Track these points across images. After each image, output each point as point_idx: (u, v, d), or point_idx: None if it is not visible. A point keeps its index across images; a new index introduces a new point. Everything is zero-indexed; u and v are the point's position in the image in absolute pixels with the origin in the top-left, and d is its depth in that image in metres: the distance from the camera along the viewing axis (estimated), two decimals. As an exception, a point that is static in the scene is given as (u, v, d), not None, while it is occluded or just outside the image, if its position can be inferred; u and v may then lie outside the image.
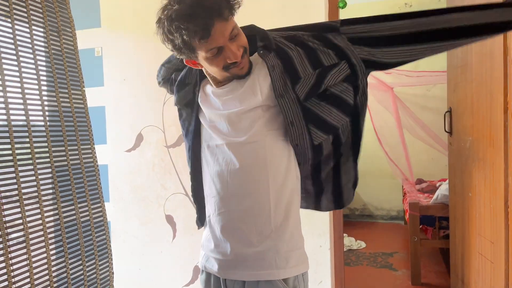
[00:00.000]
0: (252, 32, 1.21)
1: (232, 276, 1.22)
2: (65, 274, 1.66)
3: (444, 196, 3.06)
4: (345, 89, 1.19)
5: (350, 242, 4.09)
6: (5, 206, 1.43)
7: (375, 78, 3.86)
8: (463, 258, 2.38)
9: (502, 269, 1.81)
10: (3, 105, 1.48)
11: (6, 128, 1.48)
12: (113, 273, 1.91)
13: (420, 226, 3.20)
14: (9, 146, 1.48)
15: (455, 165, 2.51)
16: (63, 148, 1.74)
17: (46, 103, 1.68)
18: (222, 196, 1.22)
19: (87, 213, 1.81)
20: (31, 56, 1.64)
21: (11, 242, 1.43)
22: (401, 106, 3.96)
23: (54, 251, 1.62)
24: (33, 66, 1.64)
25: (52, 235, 1.62)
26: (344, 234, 3.09)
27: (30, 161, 1.56)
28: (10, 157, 1.48)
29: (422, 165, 4.54)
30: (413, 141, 4.02)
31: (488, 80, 1.93)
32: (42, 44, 1.71)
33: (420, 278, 3.11)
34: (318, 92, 1.17)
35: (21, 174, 1.50)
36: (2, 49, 1.50)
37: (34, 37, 1.66)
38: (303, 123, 1.18)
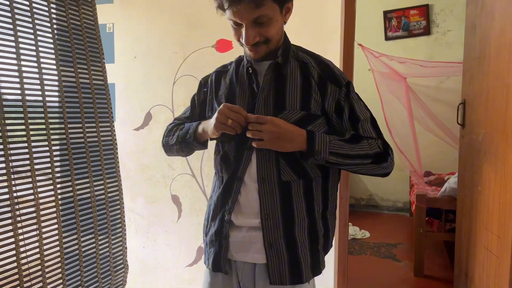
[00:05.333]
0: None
1: (243, 258, 1.22)
2: (76, 250, 1.66)
3: (452, 189, 3.03)
4: None
5: (354, 231, 4.09)
6: (17, 181, 1.43)
7: (388, 67, 3.80)
8: (468, 251, 2.36)
9: (507, 263, 1.79)
10: (17, 80, 1.46)
11: (20, 103, 1.46)
12: (126, 248, 1.91)
13: (426, 218, 3.18)
14: (22, 121, 1.46)
15: (466, 158, 2.48)
16: (80, 125, 1.72)
17: (63, 78, 1.66)
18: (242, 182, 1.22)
19: (103, 189, 1.81)
20: (49, 30, 1.60)
21: (22, 217, 1.44)
22: (414, 97, 3.90)
23: (66, 227, 1.62)
24: (51, 40, 1.61)
25: (65, 209, 1.62)
26: (349, 223, 3.08)
27: (45, 137, 1.55)
28: (24, 132, 1.47)
29: (431, 158, 4.49)
30: (423, 133, 3.97)
31: (505, 73, 1.88)
32: (61, 17, 1.68)
33: (423, 270, 3.11)
34: None
35: (34, 150, 1.49)
36: (18, 22, 1.48)
37: (52, 10, 1.63)
38: (273, 154, 1.17)
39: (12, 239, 1.39)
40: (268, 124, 1.09)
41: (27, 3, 1.52)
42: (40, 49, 1.56)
